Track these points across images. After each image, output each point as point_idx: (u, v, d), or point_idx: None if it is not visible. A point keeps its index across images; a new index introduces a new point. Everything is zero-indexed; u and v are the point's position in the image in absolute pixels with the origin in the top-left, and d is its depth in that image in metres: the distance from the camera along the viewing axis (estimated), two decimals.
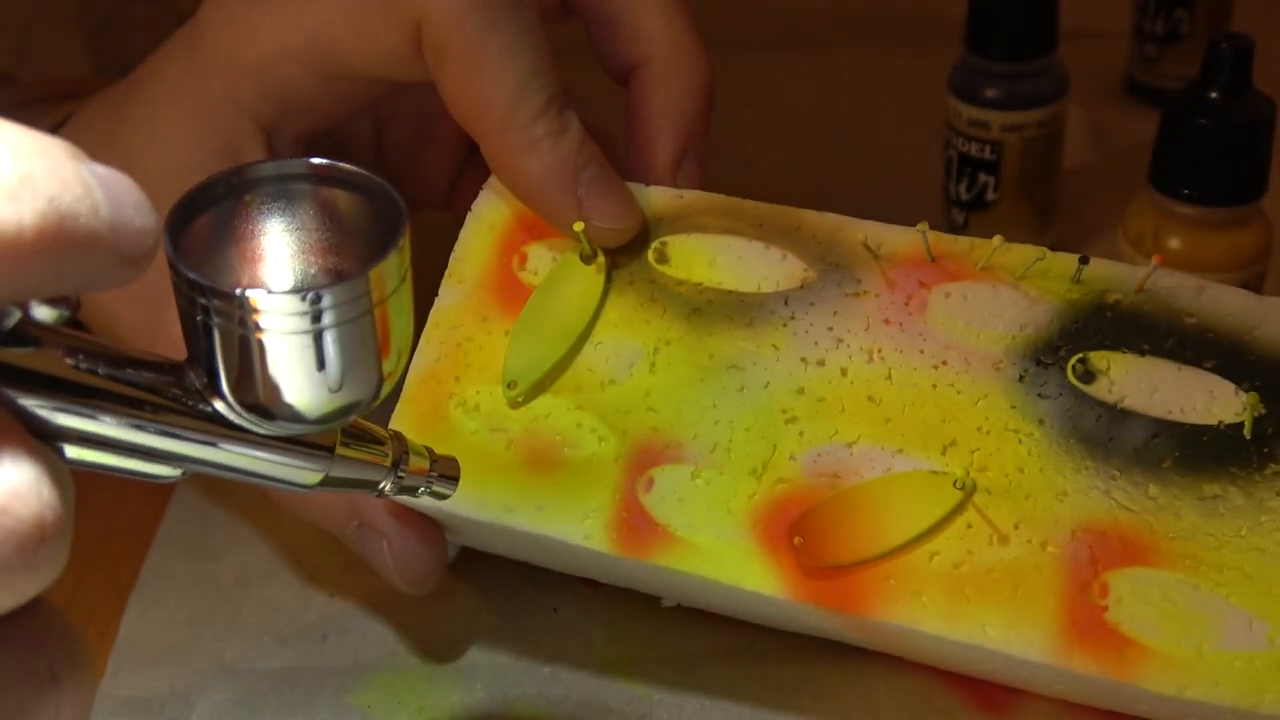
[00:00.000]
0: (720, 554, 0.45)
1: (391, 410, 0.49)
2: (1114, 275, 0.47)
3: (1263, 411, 0.44)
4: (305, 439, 0.34)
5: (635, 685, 0.50)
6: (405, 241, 0.32)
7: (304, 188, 0.33)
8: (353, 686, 0.51)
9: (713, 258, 0.50)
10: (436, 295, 0.52)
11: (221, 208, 0.32)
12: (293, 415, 0.31)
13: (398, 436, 0.38)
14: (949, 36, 0.67)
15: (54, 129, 0.59)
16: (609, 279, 0.51)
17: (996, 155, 0.65)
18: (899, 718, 0.48)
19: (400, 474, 0.37)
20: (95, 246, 0.26)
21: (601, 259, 0.51)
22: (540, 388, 0.49)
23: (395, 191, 0.33)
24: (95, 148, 0.55)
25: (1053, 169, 0.67)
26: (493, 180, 0.53)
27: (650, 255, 0.51)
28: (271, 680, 0.52)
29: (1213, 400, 0.45)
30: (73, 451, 0.30)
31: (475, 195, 0.54)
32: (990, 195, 0.66)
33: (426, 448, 0.39)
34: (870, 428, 0.46)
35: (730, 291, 0.50)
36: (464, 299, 0.51)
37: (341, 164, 0.33)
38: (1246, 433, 0.44)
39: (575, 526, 0.46)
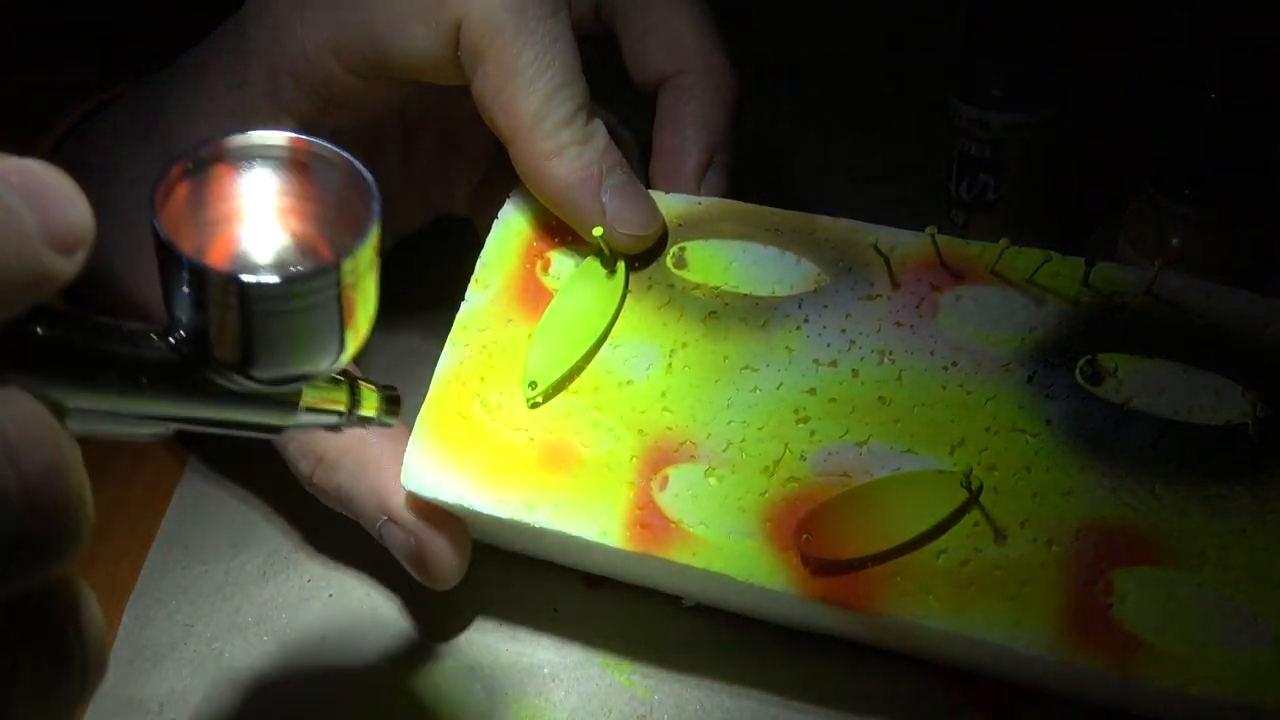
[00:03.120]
0: (732, 550, 0.45)
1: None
2: (1122, 277, 0.48)
3: (1268, 412, 0.44)
4: (274, 395, 0.38)
5: (635, 685, 0.50)
6: (376, 229, 0.34)
7: (281, 159, 0.35)
8: (353, 687, 0.52)
9: (729, 262, 0.51)
10: (464, 299, 0.53)
11: (203, 175, 0.35)
12: (266, 377, 0.35)
13: (352, 381, 0.41)
14: (950, 36, 0.69)
15: (81, 120, 0.61)
16: (628, 283, 0.51)
17: (997, 155, 0.64)
18: (899, 718, 0.48)
19: (354, 414, 0.41)
20: (29, 253, 0.29)
21: (621, 264, 0.51)
22: (559, 388, 0.50)
23: (368, 173, 0.35)
24: (132, 140, 0.57)
25: (1053, 169, 0.66)
26: (519, 188, 0.54)
27: (669, 260, 0.52)
28: (271, 680, 0.52)
29: (1219, 401, 0.45)
30: (73, 423, 0.31)
31: (496, 203, 0.55)
32: (991, 195, 0.65)
33: (375, 384, 0.43)
34: (880, 428, 0.46)
35: (746, 295, 0.50)
36: (489, 303, 0.52)
37: (317, 140, 0.35)
38: (1251, 433, 0.44)
39: (591, 523, 0.47)
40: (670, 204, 0.53)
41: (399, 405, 0.44)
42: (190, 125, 0.54)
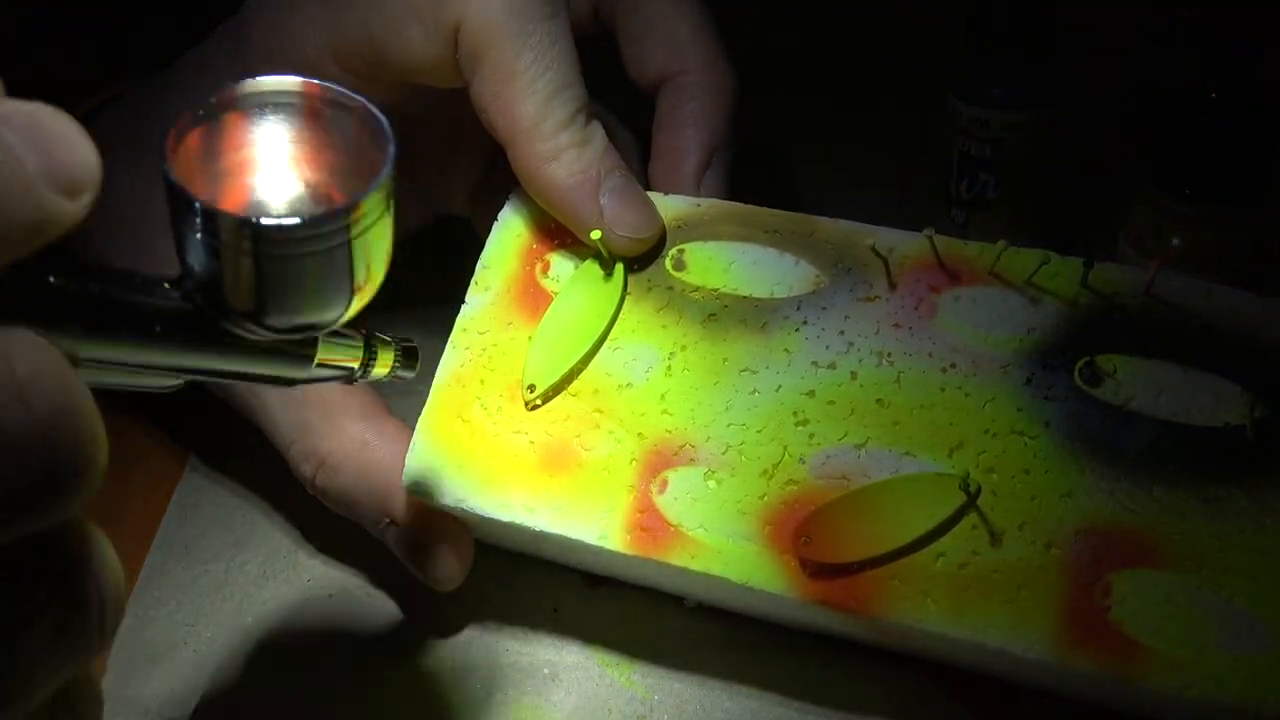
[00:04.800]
0: (731, 554, 0.45)
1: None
2: (1121, 278, 0.47)
3: (1267, 413, 0.44)
4: (288, 346, 0.37)
5: (635, 685, 0.50)
6: (391, 173, 0.33)
7: (295, 105, 0.35)
8: (353, 686, 0.52)
9: (728, 264, 0.51)
10: (464, 302, 0.53)
11: (215, 123, 0.34)
12: (279, 325, 0.34)
13: (368, 336, 0.41)
14: (950, 36, 0.68)
15: (80, 120, 0.60)
16: (627, 285, 0.51)
17: (997, 154, 0.64)
18: (898, 718, 0.48)
19: (369, 369, 0.41)
20: (31, 194, 0.28)
21: (620, 266, 0.51)
22: (557, 390, 0.50)
23: (384, 118, 0.34)
24: (130, 140, 0.57)
25: (1053, 168, 0.66)
26: (518, 190, 0.54)
27: (667, 262, 0.51)
28: (271, 680, 0.52)
29: (1218, 402, 0.45)
30: (86, 375, 0.31)
31: (496, 203, 0.55)
32: (991, 194, 0.65)
33: (393, 338, 0.42)
34: (879, 430, 0.46)
35: (745, 297, 0.50)
36: (490, 305, 0.52)
37: (332, 85, 0.35)
38: (1249, 435, 0.44)
39: (591, 527, 0.47)
40: (669, 205, 0.53)
41: (416, 359, 0.43)
42: None
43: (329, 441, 0.52)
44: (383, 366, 0.42)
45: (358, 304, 0.35)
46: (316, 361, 0.39)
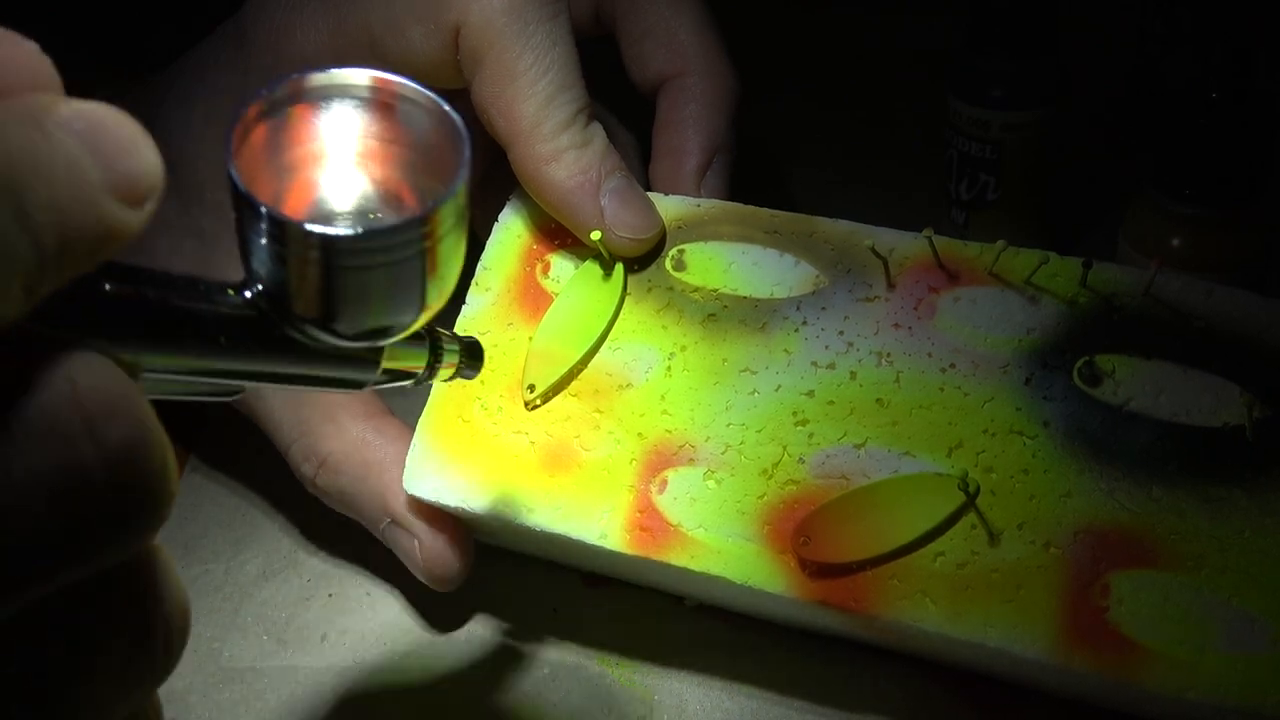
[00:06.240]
0: (731, 553, 0.45)
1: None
2: (1121, 279, 0.47)
3: (1267, 413, 0.44)
4: (356, 351, 0.36)
5: (635, 685, 0.50)
6: (466, 176, 0.32)
7: (364, 99, 0.33)
8: (353, 686, 0.52)
9: (728, 265, 0.51)
10: (464, 302, 0.53)
11: (281, 116, 0.32)
12: (348, 333, 0.33)
13: (434, 336, 0.40)
14: (950, 36, 0.68)
15: None
16: (626, 286, 0.51)
17: (997, 155, 0.64)
18: (898, 718, 0.48)
19: (435, 368, 0.40)
20: (95, 206, 0.27)
21: (620, 267, 0.51)
22: (556, 390, 0.50)
23: (458, 116, 0.33)
24: None
25: (1053, 168, 0.66)
26: (518, 192, 0.54)
27: (667, 263, 0.51)
28: (271, 680, 0.52)
29: (1217, 403, 0.44)
30: (146, 386, 0.30)
31: (496, 204, 0.55)
32: (990, 195, 0.65)
33: (456, 337, 0.41)
34: (878, 430, 0.46)
35: (745, 297, 0.50)
36: (490, 306, 0.52)
37: (402, 79, 0.33)
38: (1249, 435, 0.44)
39: (592, 526, 0.47)
40: (669, 206, 0.53)
41: (481, 357, 0.42)
42: (188, 127, 0.54)
43: (330, 441, 0.52)
44: (448, 367, 0.41)
45: (429, 314, 0.34)
46: (383, 364, 0.37)
